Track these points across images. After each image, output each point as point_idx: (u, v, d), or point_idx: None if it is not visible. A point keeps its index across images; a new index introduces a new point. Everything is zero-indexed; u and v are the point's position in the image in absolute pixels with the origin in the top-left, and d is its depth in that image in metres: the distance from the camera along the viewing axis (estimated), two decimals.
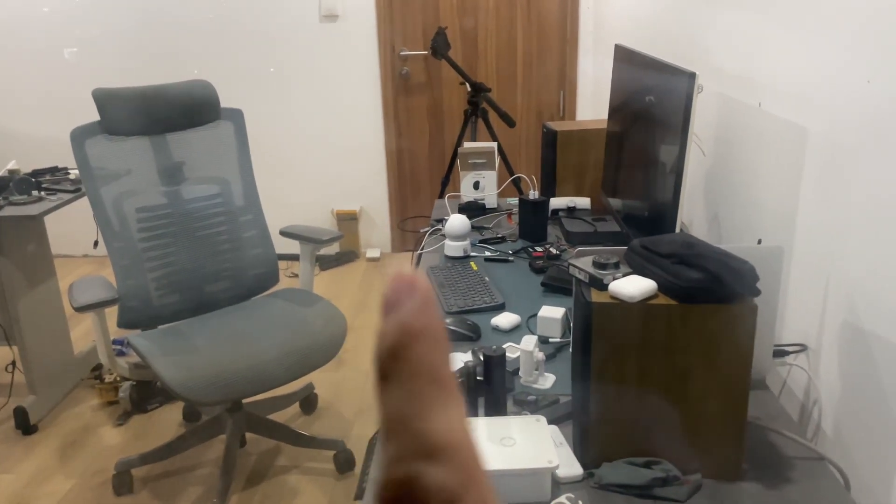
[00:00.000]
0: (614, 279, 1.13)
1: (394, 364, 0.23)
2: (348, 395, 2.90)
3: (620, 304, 1.09)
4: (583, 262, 1.19)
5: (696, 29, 2.11)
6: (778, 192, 1.55)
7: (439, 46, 3.17)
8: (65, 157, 4.22)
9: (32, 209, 2.51)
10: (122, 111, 2.25)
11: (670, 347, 1.09)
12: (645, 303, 1.09)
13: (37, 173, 2.84)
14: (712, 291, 1.06)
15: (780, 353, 1.43)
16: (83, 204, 2.50)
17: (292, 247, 2.61)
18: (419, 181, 4.38)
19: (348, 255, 4.36)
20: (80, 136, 2.19)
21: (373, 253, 4.38)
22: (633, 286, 1.09)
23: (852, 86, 1.23)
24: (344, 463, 2.42)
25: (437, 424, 0.23)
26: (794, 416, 1.46)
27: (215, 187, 2.45)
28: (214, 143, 2.44)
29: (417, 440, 0.22)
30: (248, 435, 2.61)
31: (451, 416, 0.23)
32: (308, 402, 2.78)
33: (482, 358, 1.28)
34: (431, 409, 0.23)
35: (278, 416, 2.73)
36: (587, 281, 1.16)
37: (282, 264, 4.12)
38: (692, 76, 1.40)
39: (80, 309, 2.01)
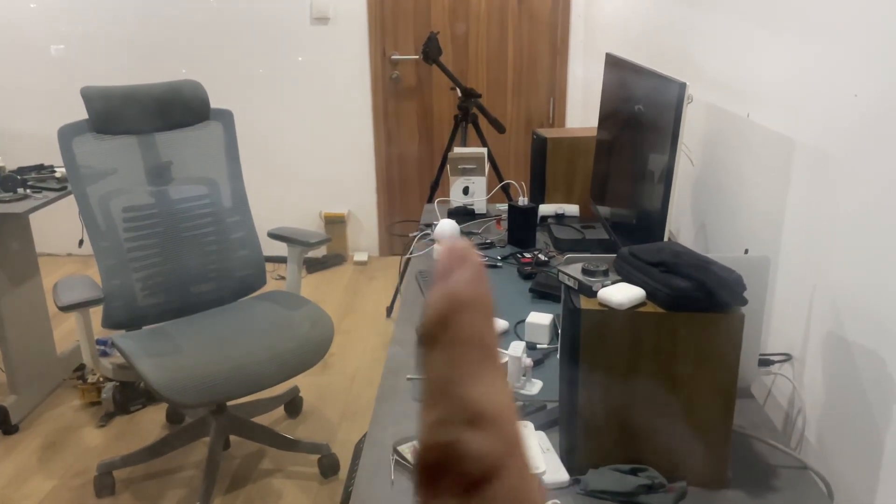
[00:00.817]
0: (603, 286, 1.13)
1: (442, 330, 0.23)
2: (334, 398, 2.89)
3: (609, 311, 1.10)
4: (572, 269, 1.19)
5: (687, 39, 2.13)
6: (765, 203, 1.56)
7: (431, 51, 3.17)
8: (51, 155, 4.20)
9: (17, 207, 2.49)
10: (110, 110, 2.24)
11: (658, 355, 1.09)
12: (633, 310, 1.09)
13: (22, 171, 2.81)
14: (700, 300, 1.07)
15: (765, 362, 1.44)
16: (69, 202, 2.49)
17: (280, 249, 2.61)
18: (408, 185, 4.38)
19: (336, 259, 4.35)
20: (67, 134, 2.17)
21: (360, 256, 4.38)
22: (621, 294, 1.10)
23: (840, 99, 1.25)
24: (328, 467, 2.41)
25: (481, 392, 0.23)
26: (779, 424, 1.47)
27: (203, 188, 2.43)
28: (203, 143, 2.43)
29: (461, 405, 0.23)
30: (232, 438, 2.59)
31: (496, 384, 0.23)
32: (293, 405, 2.77)
33: None
34: (476, 376, 0.23)
35: (263, 419, 2.71)
36: (576, 288, 1.17)
37: (269, 266, 4.10)
38: (682, 86, 1.42)
39: (65, 308, 1.99)
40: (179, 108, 2.36)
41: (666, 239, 1.53)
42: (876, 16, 1.14)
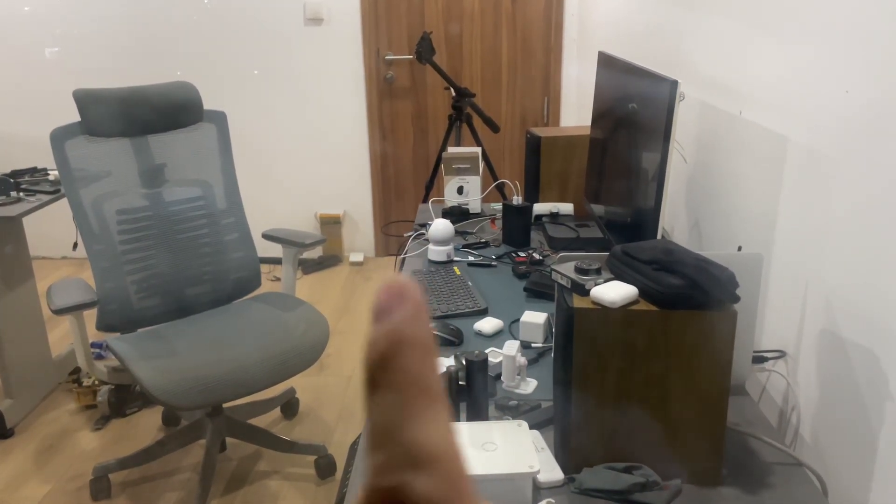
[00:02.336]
0: (596, 285, 1.13)
1: (383, 373, 0.23)
2: (330, 399, 2.89)
3: (602, 309, 1.10)
4: (565, 268, 1.19)
5: (680, 37, 2.13)
6: (758, 200, 1.56)
7: (424, 51, 3.17)
8: (44, 158, 4.19)
9: (10, 210, 2.48)
10: (103, 112, 2.23)
11: (651, 353, 1.09)
12: (626, 308, 1.09)
13: (16, 174, 2.81)
14: (692, 298, 1.07)
15: (759, 359, 1.44)
16: (62, 205, 2.48)
17: (275, 250, 2.60)
18: (403, 186, 4.37)
19: (331, 259, 4.35)
20: (60, 137, 2.17)
21: (356, 257, 4.37)
22: (614, 292, 1.10)
23: (831, 96, 1.25)
24: (325, 468, 2.41)
25: (425, 434, 0.23)
26: (773, 421, 1.48)
27: (197, 190, 2.43)
28: (197, 145, 2.43)
29: (404, 450, 0.22)
30: (229, 440, 2.59)
31: (439, 426, 0.23)
32: (289, 406, 2.76)
33: (464, 363, 1.28)
34: (419, 418, 0.23)
35: (259, 421, 2.71)
36: (569, 286, 1.16)
37: (264, 268, 4.11)
38: (674, 84, 1.42)
39: (59, 311, 1.98)
40: (172, 110, 2.35)
41: (659, 237, 1.53)
42: (866, 13, 1.14)
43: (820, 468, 1.28)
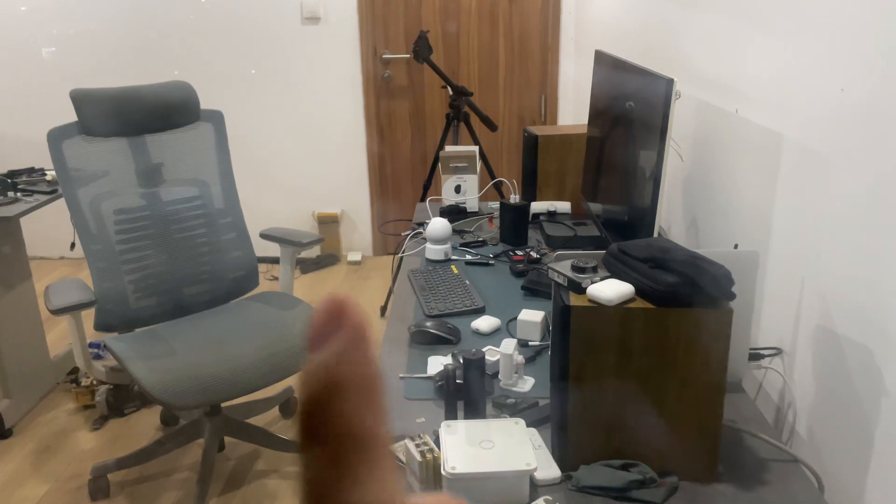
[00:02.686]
0: (592, 283, 1.14)
1: (316, 421, 0.19)
2: None
3: (598, 307, 1.10)
4: (562, 266, 1.20)
5: (677, 36, 2.13)
6: (754, 198, 1.56)
7: (421, 50, 3.17)
8: (41, 158, 4.18)
9: (7, 210, 2.48)
10: (99, 112, 2.23)
11: (647, 350, 1.10)
12: (622, 306, 1.10)
13: (13, 174, 2.80)
14: (688, 295, 1.07)
15: (755, 356, 1.44)
16: (61, 205, 2.47)
17: (273, 250, 2.60)
18: (401, 185, 4.37)
19: (329, 259, 4.35)
20: (57, 137, 2.17)
21: (354, 256, 4.37)
22: (610, 290, 1.10)
23: (826, 93, 1.25)
24: None
25: (367, 495, 0.19)
26: (770, 418, 1.48)
27: (194, 189, 2.43)
28: (194, 144, 2.43)
29: None
30: (227, 439, 2.59)
31: (384, 483, 0.20)
32: (288, 405, 2.76)
33: (461, 361, 1.28)
34: (360, 475, 0.19)
35: (258, 420, 2.71)
36: (566, 284, 1.17)
37: (262, 267, 4.11)
38: (670, 82, 1.42)
39: (57, 311, 1.98)
40: (169, 110, 2.35)
41: (656, 235, 1.54)
42: (862, 10, 1.14)
43: (816, 464, 1.29)
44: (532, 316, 1.61)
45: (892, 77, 1.06)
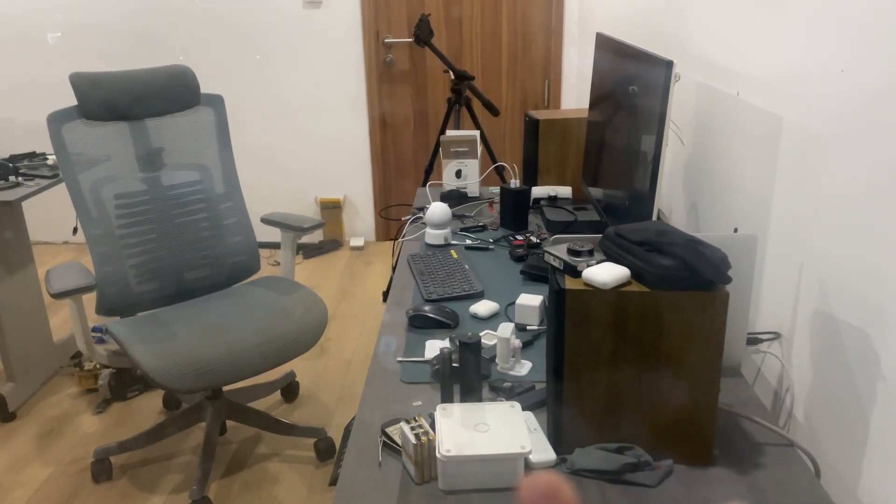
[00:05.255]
0: (588, 266, 1.13)
1: None
2: (330, 383, 2.90)
3: (593, 290, 1.10)
4: (558, 250, 1.19)
5: (679, 18, 2.11)
6: (754, 181, 1.55)
7: (422, 33, 3.15)
8: (43, 142, 4.18)
9: (9, 195, 2.48)
10: (99, 96, 2.23)
11: (643, 334, 1.09)
12: (618, 290, 1.09)
13: (14, 158, 2.80)
14: (683, 278, 1.07)
15: (753, 340, 1.44)
16: (63, 190, 2.48)
17: (276, 234, 2.60)
18: (404, 169, 4.36)
19: (332, 244, 4.35)
20: (57, 121, 2.16)
21: (356, 241, 4.37)
22: (606, 273, 1.10)
23: (826, 75, 1.24)
24: (324, 450, 2.42)
25: None
26: (768, 403, 1.48)
27: (195, 174, 2.43)
28: (194, 128, 2.42)
29: None
30: (229, 423, 2.61)
31: None
32: (289, 389, 2.78)
33: (458, 345, 1.28)
34: None
35: (259, 404, 2.72)
36: (561, 268, 1.16)
37: (265, 252, 4.12)
38: (669, 64, 1.40)
39: (57, 295, 1.99)
40: (169, 94, 2.35)
41: (655, 219, 1.53)
42: None
43: (813, 449, 1.28)
44: (530, 300, 1.61)
45: (891, 59, 1.04)
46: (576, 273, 1.14)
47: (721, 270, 1.07)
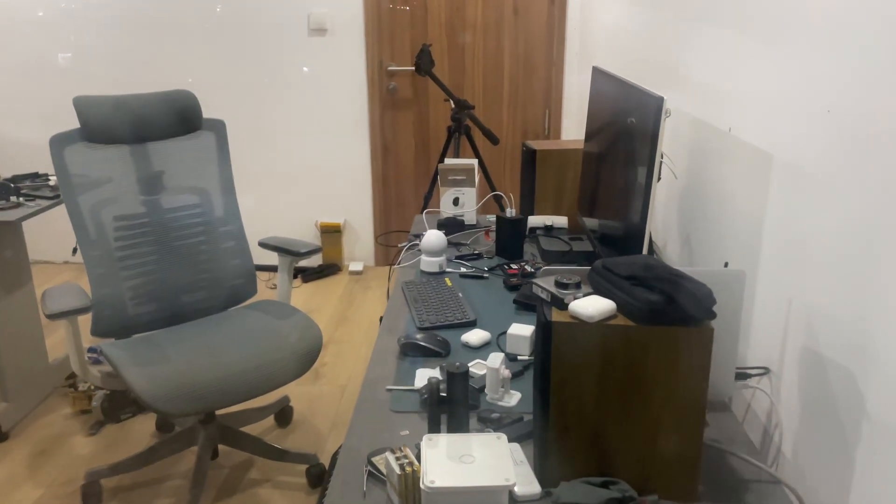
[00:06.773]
0: (575, 299, 1.14)
1: None
2: (324, 408, 2.89)
3: (579, 323, 1.10)
4: (546, 282, 1.20)
5: (675, 54, 2.14)
6: (745, 217, 1.56)
7: (423, 63, 3.19)
8: (46, 164, 4.22)
9: (9, 215, 2.50)
10: (102, 119, 2.26)
11: (628, 368, 1.10)
12: (603, 323, 1.10)
13: (16, 179, 2.83)
14: (668, 313, 1.07)
15: (742, 375, 1.44)
16: (65, 211, 2.49)
17: (275, 258, 2.61)
18: (404, 196, 4.39)
19: (331, 268, 4.36)
20: (59, 143, 2.19)
21: (356, 266, 4.38)
22: (592, 306, 1.10)
23: (814, 115, 1.25)
24: (316, 477, 2.41)
25: None
26: (757, 439, 1.47)
27: (195, 197, 2.45)
28: (195, 153, 2.45)
29: None
30: (221, 447, 2.59)
31: None
32: (283, 414, 2.77)
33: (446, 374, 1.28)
34: None
35: (253, 429, 2.71)
36: (549, 300, 1.17)
37: (263, 276, 4.13)
38: (660, 100, 1.42)
39: (52, 316, 2.00)
40: (171, 118, 2.38)
41: (645, 251, 1.54)
42: (844, 36, 1.15)
43: (800, 486, 1.28)
44: (522, 330, 1.61)
45: (875, 100, 1.06)
46: (563, 305, 1.14)
47: (705, 306, 1.08)
